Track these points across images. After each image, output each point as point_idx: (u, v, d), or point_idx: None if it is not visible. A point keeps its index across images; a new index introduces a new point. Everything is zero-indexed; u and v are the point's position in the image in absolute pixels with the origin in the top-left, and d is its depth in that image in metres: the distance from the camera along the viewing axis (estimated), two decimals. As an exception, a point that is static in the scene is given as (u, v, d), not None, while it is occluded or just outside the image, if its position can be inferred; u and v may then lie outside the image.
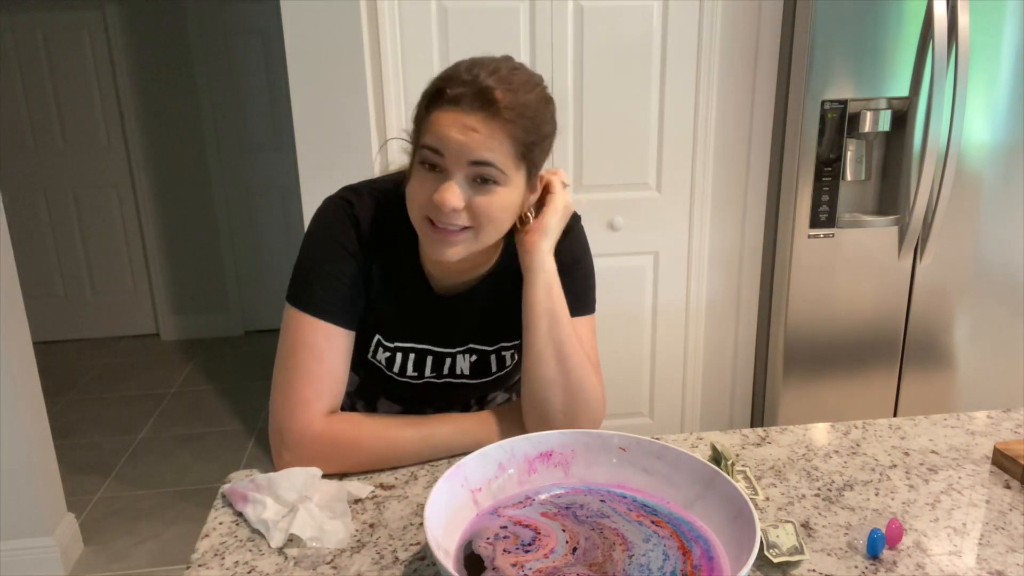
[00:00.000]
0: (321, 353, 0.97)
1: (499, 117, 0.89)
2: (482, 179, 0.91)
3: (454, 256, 0.94)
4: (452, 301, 1.06)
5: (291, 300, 1.00)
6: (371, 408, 1.15)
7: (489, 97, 0.89)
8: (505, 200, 0.93)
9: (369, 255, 1.01)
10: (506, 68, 0.92)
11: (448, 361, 1.08)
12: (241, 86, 3.87)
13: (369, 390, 1.14)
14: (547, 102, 0.98)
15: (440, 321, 1.06)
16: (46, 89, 3.76)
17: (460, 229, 0.92)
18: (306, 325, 0.98)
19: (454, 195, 0.90)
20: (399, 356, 1.06)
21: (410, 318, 1.05)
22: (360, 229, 1.00)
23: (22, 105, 3.76)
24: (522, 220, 1.01)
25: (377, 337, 1.05)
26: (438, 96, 0.91)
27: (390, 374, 1.08)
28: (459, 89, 0.89)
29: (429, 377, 1.09)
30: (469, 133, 0.88)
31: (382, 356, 1.06)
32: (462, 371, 1.09)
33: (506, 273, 1.05)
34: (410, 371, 1.07)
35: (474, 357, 1.08)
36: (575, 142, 2.14)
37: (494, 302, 1.07)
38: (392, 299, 1.04)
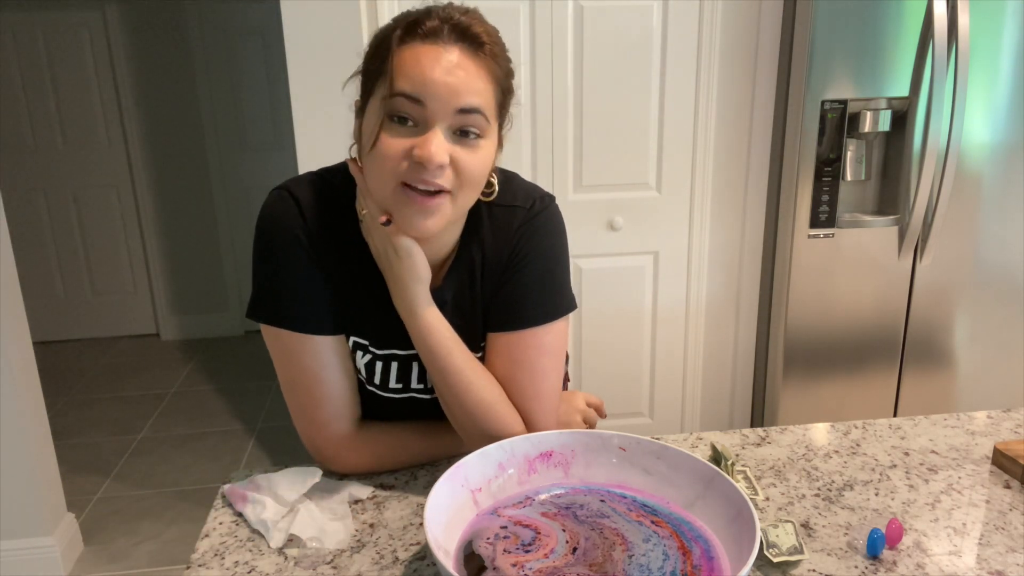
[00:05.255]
0: (316, 373, 0.91)
1: (481, 52, 0.81)
2: (465, 131, 0.80)
3: (435, 227, 0.83)
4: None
5: (262, 317, 0.91)
6: None
7: (470, 31, 0.80)
8: (487, 157, 0.84)
9: (326, 248, 0.90)
10: (472, 10, 0.84)
11: None
12: (241, 86, 3.87)
13: None
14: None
15: None
16: (46, 89, 3.76)
17: (436, 193, 0.81)
18: (292, 344, 0.91)
19: (441, 147, 0.78)
20: (380, 365, 0.96)
21: (385, 314, 0.92)
22: (309, 218, 0.89)
23: (22, 105, 3.76)
24: (487, 185, 0.90)
25: (353, 339, 0.95)
26: (410, 32, 0.80)
27: (371, 388, 0.98)
28: (435, 22, 0.80)
29: (415, 390, 0.98)
30: (454, 72, 0.78)
31: (361, 362, 0.96)
32: None
33: (469, 263, 0.94)
34: (393, 382, 0.97)
35: None
36: (575, 142, 2.14)
37: (468, 300, 0.96)
38: (363, 291, 0.93)
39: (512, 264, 0.94)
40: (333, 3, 1.88)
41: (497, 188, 0.92)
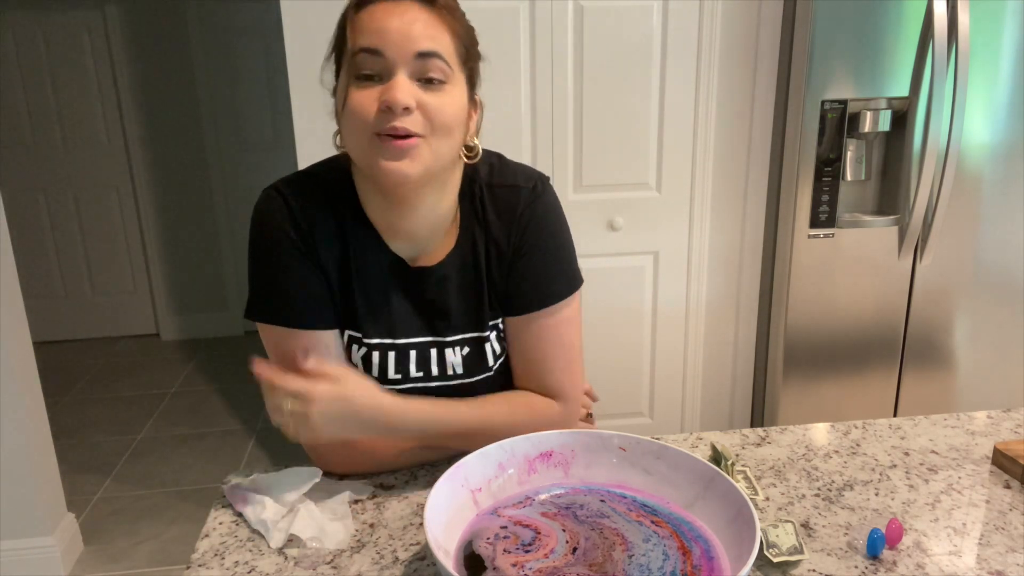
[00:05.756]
0: None
1: (437, 7, 0.84)
2: (429, 78, 0.83)
3: (413, 171, 0.84)
4: (425, 276, 0.94)
5: (257, 316, 0.92)
6: None
7: None
8: (456, 102, 0.86)
9: (315, 241, 0.91)
10: None
11: (435, 355, 0.96)
12: (241, 86, 3.87)
13: None
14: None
15: (417, 303, 0.95)
16: (46, 89, 3.76)
17: (409, 137, 0.83)
18: (285, 340, 0.91)
19: (404, 90, 0.81)
20: (376, 356, 0.95)
21: (381, 302, 0.93)
22: (298, 215, 0.91)
23: (22, 105, 3.76)
24: (468, 148, 0.92)
25: (348, 333, 0.95)
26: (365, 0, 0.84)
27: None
28: None
29: (415, 377, 0.97)
30: (410, 22, 0.82)
31: (357, 356, 0.96)
32: (454, 369, 0.97)
33: (472, 244, 0.95)
34: (392, 373, 0.96)
35: (466, 349, 0.97)
36: (575, 142, 2.14)
37: (472, 277, 0.95)
38: (356, 282, 0.93)
39: (524, 249, 0.95)
40: (333, 3, 1.87)
41: (480, 150, 0.94)
